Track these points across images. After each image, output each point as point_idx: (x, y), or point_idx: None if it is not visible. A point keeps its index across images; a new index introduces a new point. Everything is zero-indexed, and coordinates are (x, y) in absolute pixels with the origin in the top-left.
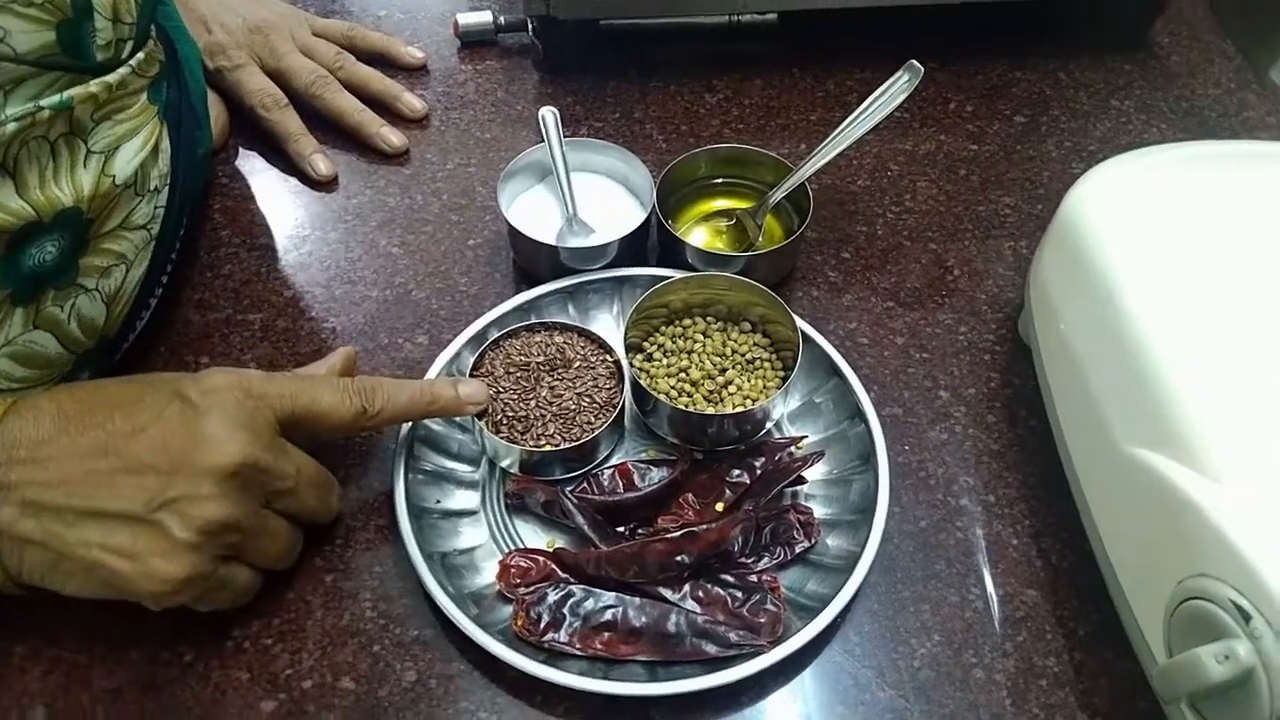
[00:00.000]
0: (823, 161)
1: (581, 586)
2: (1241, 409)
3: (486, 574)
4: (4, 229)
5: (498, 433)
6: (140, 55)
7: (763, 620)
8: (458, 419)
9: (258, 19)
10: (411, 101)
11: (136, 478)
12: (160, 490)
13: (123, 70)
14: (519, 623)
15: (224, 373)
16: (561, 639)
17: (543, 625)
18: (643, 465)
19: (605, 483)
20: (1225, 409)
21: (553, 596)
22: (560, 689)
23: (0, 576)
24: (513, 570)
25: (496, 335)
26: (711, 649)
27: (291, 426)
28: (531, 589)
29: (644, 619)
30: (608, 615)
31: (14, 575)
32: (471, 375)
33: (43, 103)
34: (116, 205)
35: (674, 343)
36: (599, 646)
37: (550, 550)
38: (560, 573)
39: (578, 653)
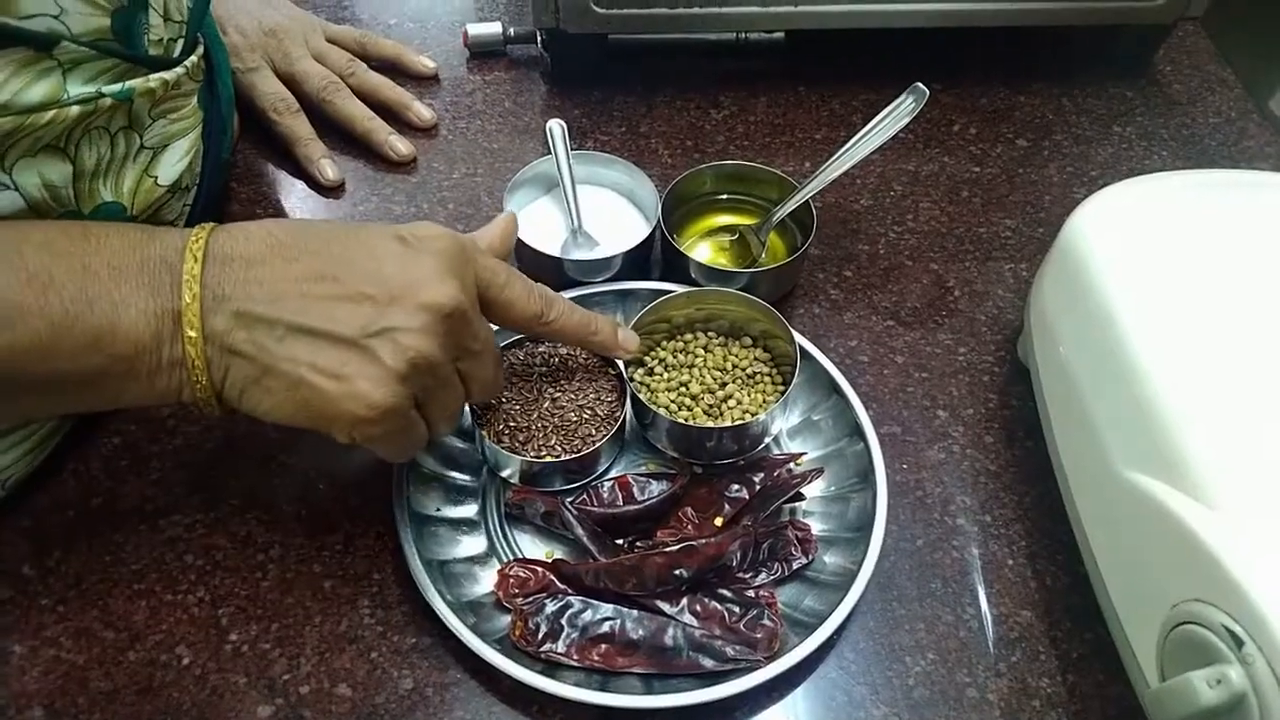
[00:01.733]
0: (827, 180)
1: (579, 598)
2: (1238, 436)
3: (485, 583)
4: (49, 214)
5: (499, 443)
6: (193, 58)
7: (759, 635)
8: (461, 430)
9: (273, 23)
10: (421, 111)
11: (353, 304)
12: (376, 318)
13: (178, 70)
14: (517, 632)
15: (429, 225)
16: (559, 650)
17: (540, 635)
18: (642, 478)
19: (605, 495)
20: (1221, 435)
21: (551, 607)
22: (556, 700)
23: (206, 389)
24: (511, 580)
25: (499, 345)
26: (708, 663)
27: (479, 298)
28: (530, 599)
29: (641, 631)
30: (605, 627)
31: (218, 388)
32: None
33: (105, 90)
34: (154, 204)
35: (675, 357)
36: (596, 658)
37: (549, 561)
38: (559, 584)
39: (575, 664)
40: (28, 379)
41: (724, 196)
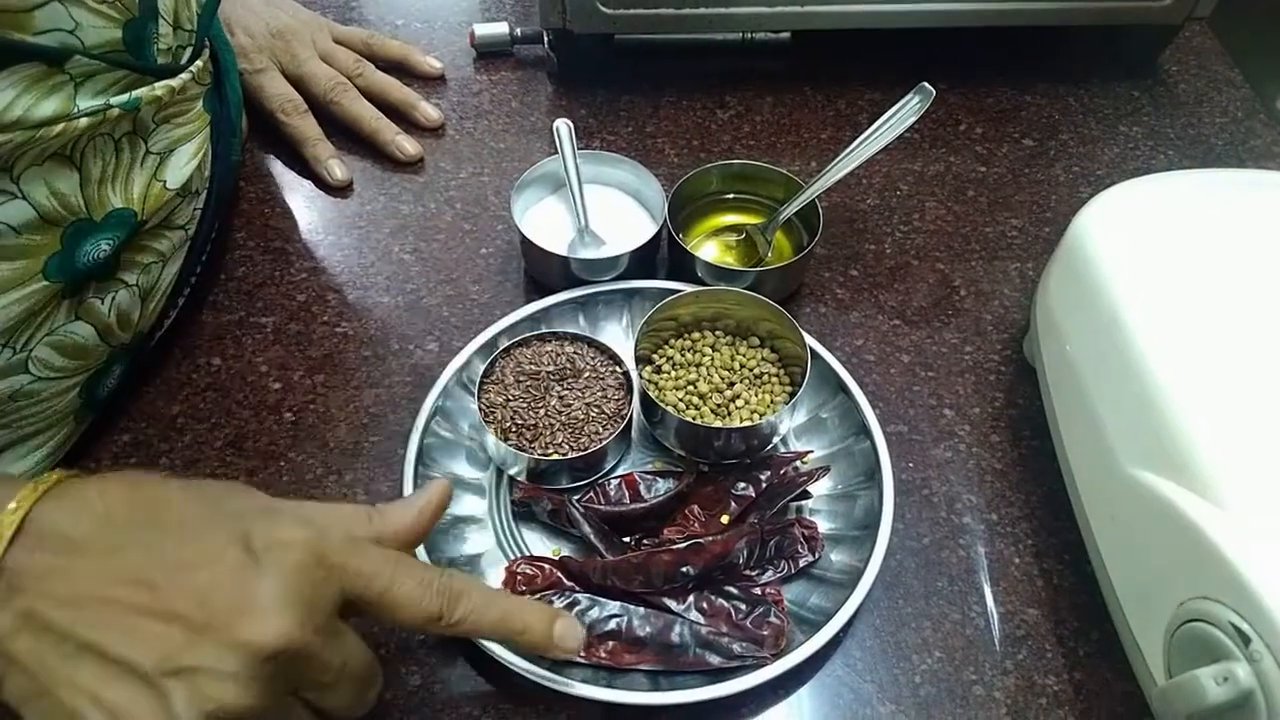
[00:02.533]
0: (833, 180)
1: (586, 595)
2: (1244, 434)
3: (492, 580)
4: (59, 222)
5: (506, 440)
6: (199, 63)
7: (766, 632)
8: (464, 431)
9: (280, 25)
10: (428, 111)
11: (161, 625)
12: (180, 650)
13: (184, 76)
14: None
15: (303, 524)
16: None
17: None
18: (649, 476)
19: (612, 492)
20: (1228, 434)
21: (558, 604)
22: (563, 696)
23: None
24: (519, 577)
25: (507, 344)
26: (715, 660)
27: (353, 607)
28: (537, 596)
29: (648, 629)
30: (612, 624)
31: None
32: (482, 383)
33: (113, 101)
34: (164, 207)
35: (683, 355)
36: (603, 655)
37: (556, 558)
38: (566, 581)
39: (582, 661)
40: None
41: (730, 196)
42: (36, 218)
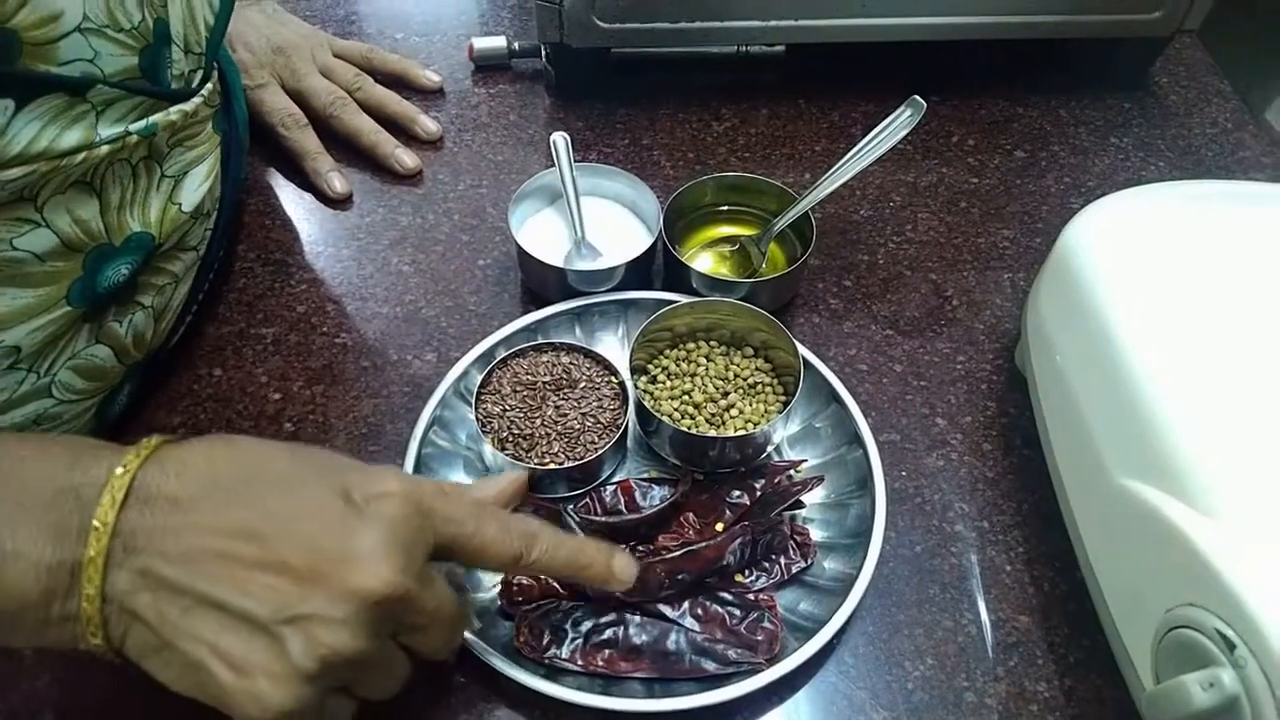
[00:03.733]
0: (826, 191)
1: (582, 604)
2: (1231, 443)
3: (488, 589)
4: (81, 248)
5: (503, 450)
6: (209, 86)
7: (760, 638)
8: (461, 441)
9: (281, 40)
10: (426, 124)
11: (272, 576)
12: (295, 600)
13: (196, 100)
14: (521, 639)
15: (398, 477)
16: (563, 655)
17: (544, 642)
18: (644, 483)
19: (608, 499)
20: (1215, 443)
21: (554, 614)
22: (559, 703)
23: (102, 642)
24: (514, 588)
25: (504, 354)
26: (711, 666)
27: (444, 552)
28: (533, 605)
29: (644, 637)
30: (608, 633)
31: (115, 645)
32: (479, 394)
33: (132, 128)
34: (178, 230)
35: (678, 365)
36: (600, 664)
37: None
38: (562, 590)
39: (579, 669)
40: None
41: (725, 207)
42: (60, 245)
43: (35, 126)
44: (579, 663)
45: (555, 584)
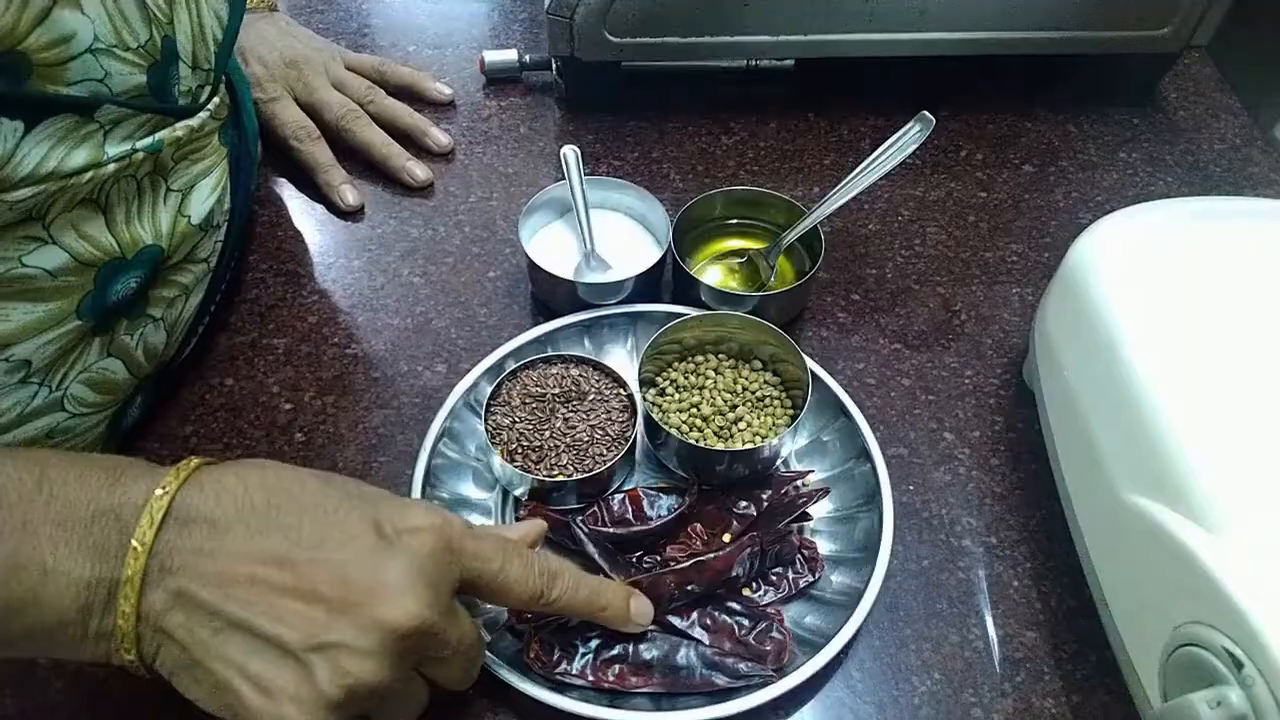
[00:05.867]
0: (835, 205)
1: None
2: (1239, 460)
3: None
4: (94, 264)
5: (512, 461)
6: (215, 100)
7: (769, 648)
8: (471, 452)
9: (293, 53)
10: (438, 136)
11: (303, 604)
12: (324, 628)
13: (202, 114)
14: (532, 654)
15: (429, 512)
16: (574, 671)
17: (555, 657)
18: (652, 492)
19: (616, 508)
20: (1223, 460)
21: (564, 629)
22: (567, 716)
23: (135, 659)
24: None
25: (514, 366)
26: (721, 680)
27: (469, 587)
28: (543, 621)
29: (654, 652)
30: (618, 648)
31: (148, 662)
32: (489, 405)
33: (138, 145)
34: (187, 242)
35: (686, 378)
36: (610, 679)
37: None
38: None
39: (587, 685)
40: None
41: (734, 221)
42: (71, 260)
43: (44, 147)
44: (589, 678)
45: None
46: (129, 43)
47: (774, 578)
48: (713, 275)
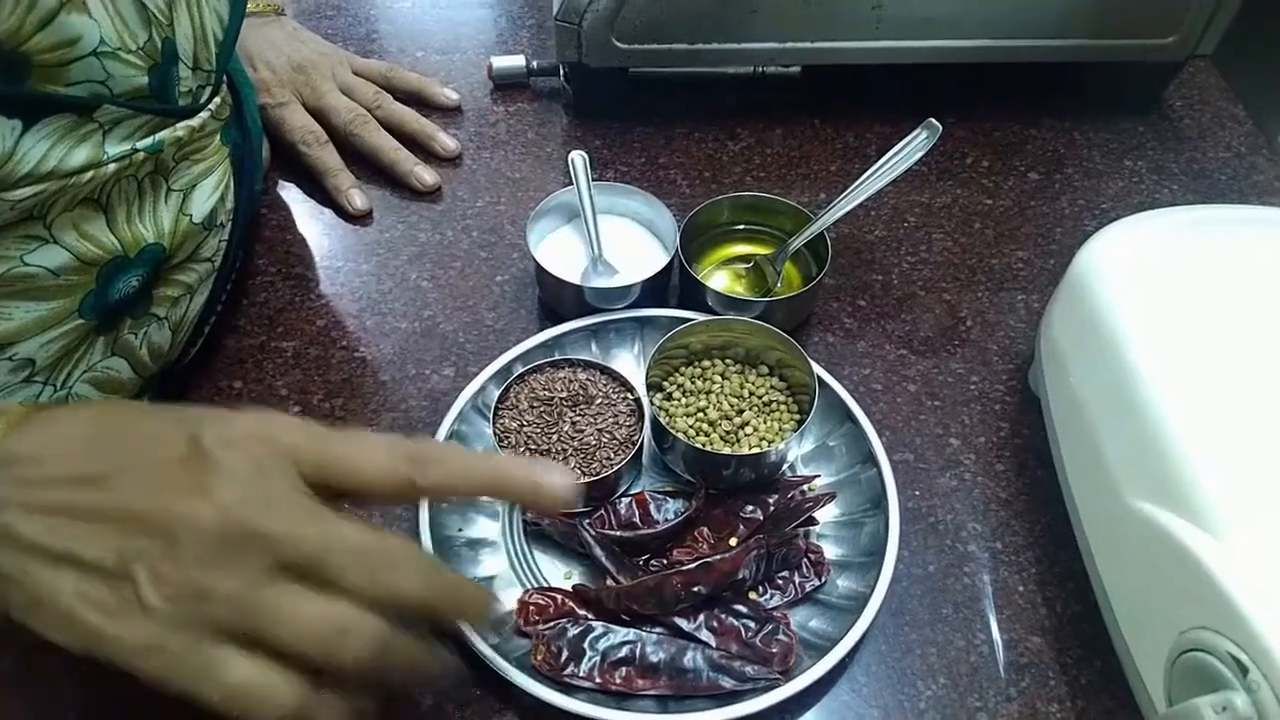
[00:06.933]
0: (842, 211)
1: (600, 622)
2: (1244, 467)
3: (505, 602)
4: (96, 263)
5: None
6: (217, 100)
7: (775, 650)
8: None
9: (301, 58)
10: (445, 141)
11: (118, 523)
12: (138, 540)
13: (203, 115)
14: (539, 657)
15: (258, 419)
16: (581, 673)
17: (563, 660)
18: (659, 496)
19: (623, 511)
20: (1228, 466)
21: (572, 631)
22: (573, 717)
23: None
24: (531, 608)
25: (522, 370)
26: (728, 683)
27: (322, 487)
28: (550, 624)
29: (661, 655)
30: (625, 651)
31: (2, 609)
32: (497, 409)
33: (138, 145)
34: (189, 240)
35: (693, 383)
36: (618, 682)
37: (569, 588)
38: (579, 610)
39: (596, 688)
40: None
41: (741, 227)
42: (73, 259)
43: (43, 146)
44: (596, 680)
45: (572, 603)
46: (130, 45)
47: (780, 582)
48: (719, 280)
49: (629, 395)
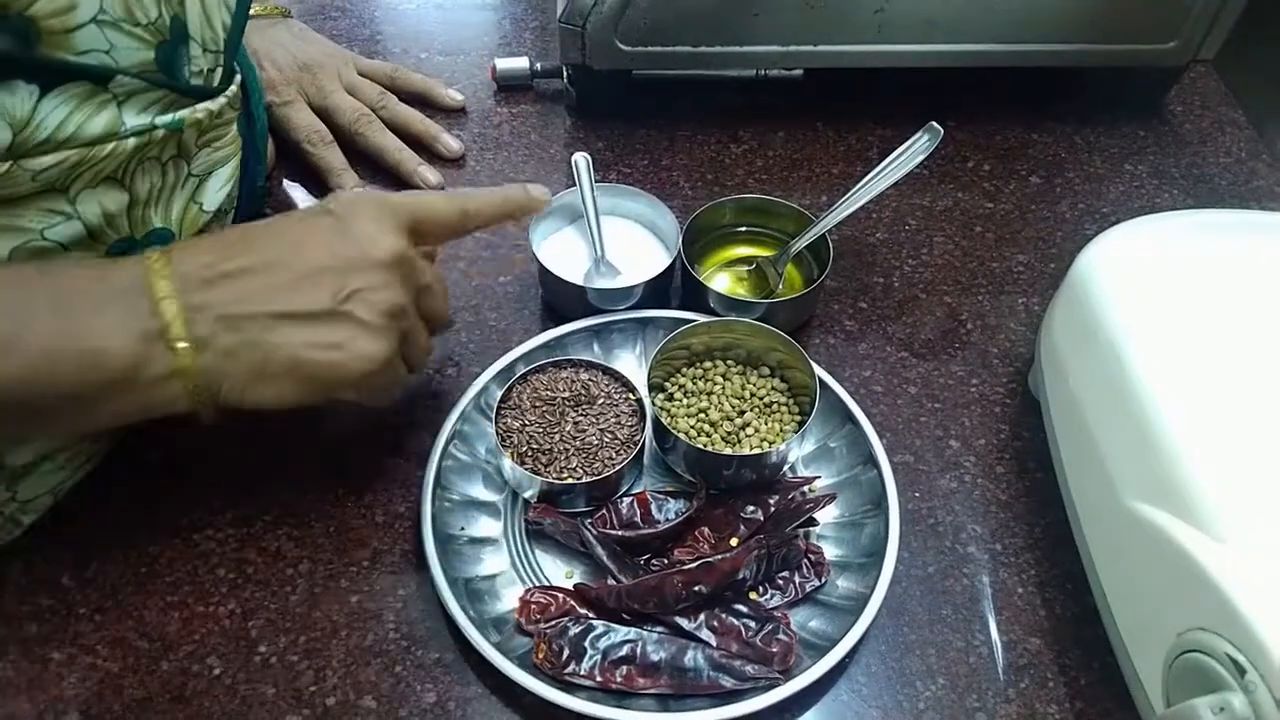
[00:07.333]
0: (843, 214)
1: (601, 621)
2: (1242, 469)
3: (507, 601)
4: (105, 240)
5: (522, 464)
6: (233, 88)
7: (775, 650)
8: (481, 454)
9: (307, 57)
10: (449, 142)
11: (314, 279)
12: (341, 285)
13: (221, 100)
14: (540, 656)
15: (353, 190)
16: (582, 672)
17: (564, 658)
18: (660, 496)
19: (624, 510)
20: (1226, 469)
21: (573, 630)
22: (575, 715)
23: (203, 393)
24: (533, 606)
25: (524, 370)
26: (729, 683)
27: (414, 226)
28: (551, 623)
29: (662, 654)
30: (626, 650)
31: (215, 394)
32: (499, 408)
33: (158, 121)
34: (196, 230)
35: (695, 384)
36: (619, 680)
37: (570, 587)
38: (580, 608)
39: (597, 686)
40: (26, 404)
41: (743, 229)
42: (85, 235)
43: (62, 111)
44: (597, 679)
45: (573, 602)
46: (138, 18)
47: (780, 582)
48: (721, 282)
49: (631, 396)
